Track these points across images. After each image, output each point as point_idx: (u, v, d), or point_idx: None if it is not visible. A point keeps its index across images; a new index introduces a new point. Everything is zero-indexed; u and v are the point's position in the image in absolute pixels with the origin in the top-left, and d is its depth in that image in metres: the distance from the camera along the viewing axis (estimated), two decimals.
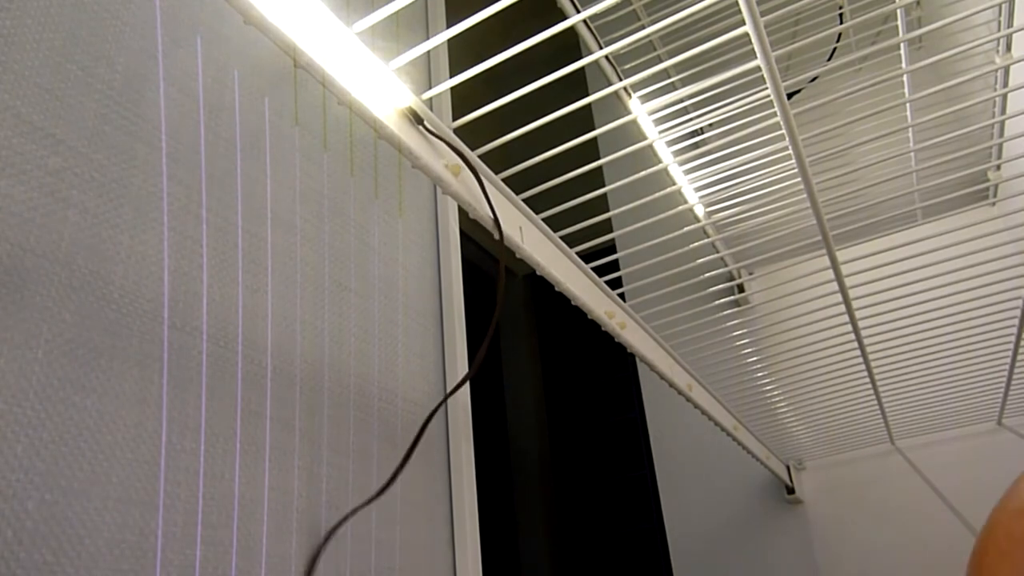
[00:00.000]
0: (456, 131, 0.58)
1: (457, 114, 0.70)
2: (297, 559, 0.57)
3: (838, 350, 1.08)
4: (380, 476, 0.70)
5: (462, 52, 0.81)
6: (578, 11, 0.91)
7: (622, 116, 0.71)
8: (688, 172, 0.95)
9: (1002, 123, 1.07)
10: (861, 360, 1.10)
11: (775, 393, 1.29)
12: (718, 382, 1.16)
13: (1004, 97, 1.03)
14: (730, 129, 0.82)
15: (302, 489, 0.60)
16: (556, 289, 0.69)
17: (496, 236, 0.55)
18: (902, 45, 0.88)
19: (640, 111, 0.87)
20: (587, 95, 0.62)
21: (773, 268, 1.34)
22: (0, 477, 0.39)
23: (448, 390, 0.84)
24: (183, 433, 0.50)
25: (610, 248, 0.88)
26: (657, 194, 0.80)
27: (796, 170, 0.72)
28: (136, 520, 0.46)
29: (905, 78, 0.92)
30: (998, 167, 1.31)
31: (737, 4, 0.54)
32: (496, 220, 0.55)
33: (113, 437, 0.46)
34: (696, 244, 0.94)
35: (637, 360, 0.89)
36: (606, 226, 0.82)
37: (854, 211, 0.87)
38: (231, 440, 0.54)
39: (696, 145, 0.95)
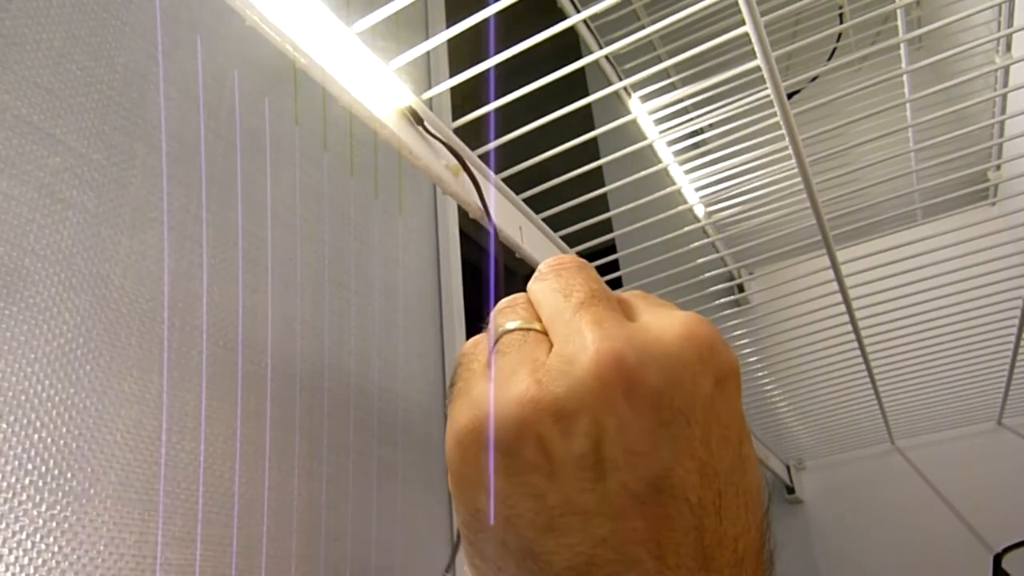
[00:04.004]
0: (456, 131, 0.58)
1: (457, 114, 0.70)
2: (297, 559, 0.57)
3: (838, 350, 1.08)
4: (380, 476, 0.70)
5: (462, 52, 0.82)
6: (578, 11, 0.91)
7: (622, 116, 0.71)
8: (688, 172, 0.95)
9: (1002, 123, 1.07)
10: (861, 360, 1.10)
11: (775, 393, 1.29)
12: None
13: (1004, 97, 1.03)
14: (730, 129, 0.82)
15: (302, 489, 0.60)
16: None
17: (486, 228, 0.55)
18: (902, 45, 0.88)
19: (640, 111, 0.87)
20: (587, 95, 0.62)
21: (773, 268, 1.34)
22: (0, 478, 0.39)
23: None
24: (183, 433, 0.50)
25: (610, 248, 0.88)
26: (657, 194, 0.80)
27: (796, 170, 0.72)
28: (136, 520, 0.46)
29: (905, 78, 0.92)
30: (998, 167, 1.31)
31: (737, 4, 0.54)
32: (490, 218, 0.55)
33: (113, 437, 0.46)
34: (696, 244, 0.94)
35: None
36: (606, 226, 0.82)
37: (854, 211, 0.87)
38: (231, 440, 0.54)
39: (696, 145, 0.95)
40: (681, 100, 0.89)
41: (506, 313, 0.27)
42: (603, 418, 0.22)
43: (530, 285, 0.28)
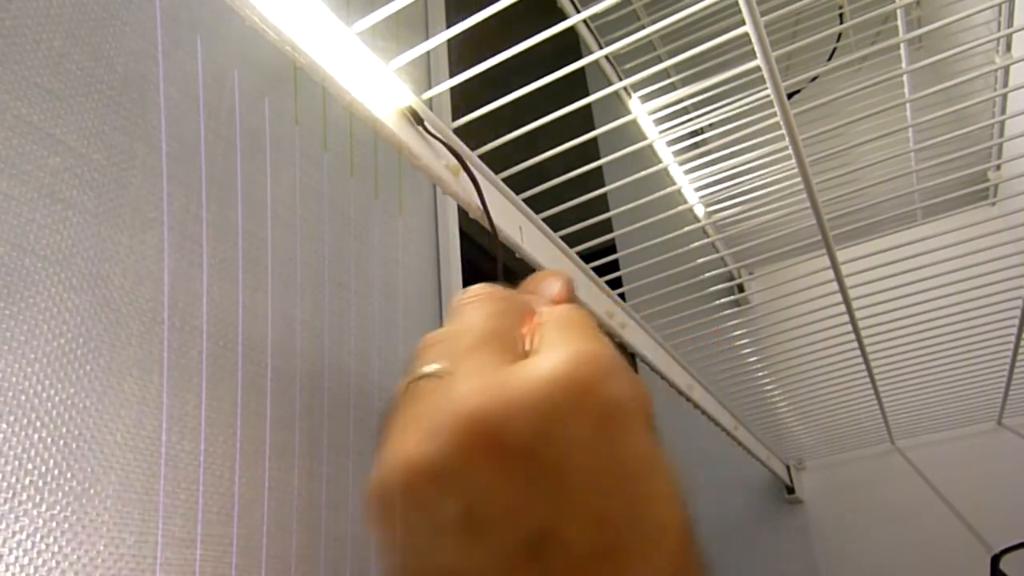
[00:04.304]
0: (456, 131, 0.58)
1: (457, 114, 0.70)
2: (297, 559, 0.57)
3: (838, 350, 1.08)
4: None
5: (462, 52, 0.82)
6: (578, 11, 0.91)
7: (622, 116, 0.71)
8: (688, 172, 0.95)
9: (1002, 123, 1.07)
10: (861, 360, 1.10)
11: (775, 393, 1.29)
12: (718, 382, 1.16)
13: (1004, 97, 1.03)
14: (730, 129, 0.82)
15: (302, 489, 0.60)
16: None
17: (490, 231, 0.55)
18: (902, 45, 0.88)
19: (640, 111, 0.87)
20: (587, 95, 0.62)
21: (773, 268, 1.34)
22: (0, 478, 0.39)
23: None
24: (183, 433, 0.50)
25: (610, 248, 0.88)
26: (657, 194, 0.80)
27: (796, 170, 0.72)
28: (136, 520, 0.46)
29: (905, 78, 0.92)
30: (998, 167, 1.31)
31: (737, 4, 0.53)
32: (490, 220, 0.55)
33: (113, 437, 0.46)
34: (696, 244, 0.94)
35: (637, 360, 0.89)
36: (606, 226, 0.82)
37: (854, 211, 0.87)
38: (231, 440, 0.54)
39: (696, 145, 0.95)
40: (681, 100, 0.89)
41: (427, 352, 0.26)
42: (472, 479, 0.21)
43: (447, 321, 0.27)
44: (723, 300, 1.06)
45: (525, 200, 0.67)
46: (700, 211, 1.06)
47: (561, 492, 0.21)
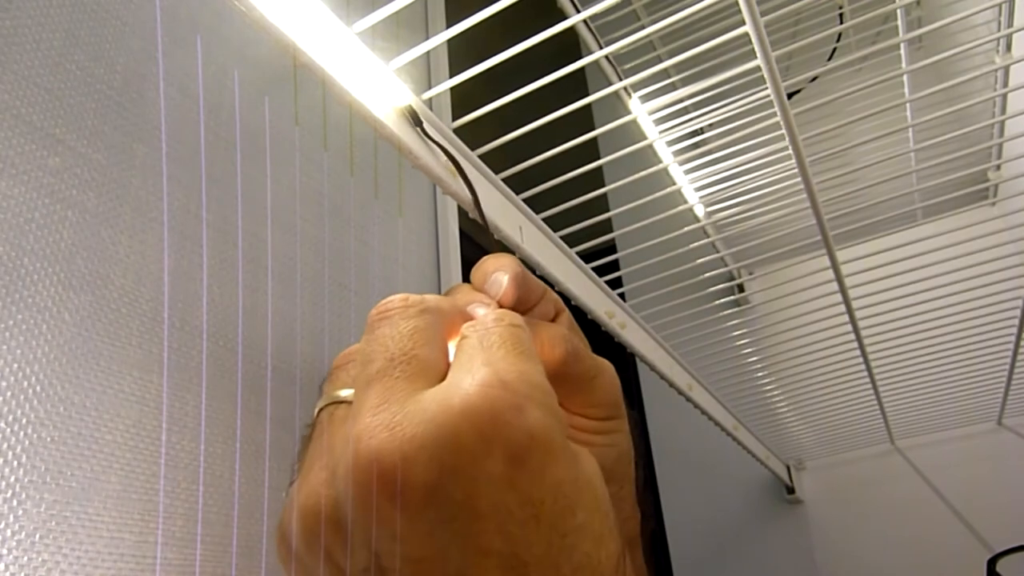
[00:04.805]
0: (456, 131, 0.58)
1: (457, 114, 0.70)
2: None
3: (838, 350, 1.08)
4: None
5: (462, 52, 0.82)
6: (578, 11, 0.91)
7: (622, 116, 0.71)
8: (688, 172, 0.95)
9: (1002, 123, 1.07)
10: (861, 360, 1.10)
11: (775, 393, 1.29)
12: (718, 382, 1.16)
13: (1004, 97, 1.03)
14: (730, 129, 0.82)
15: None
16: (556, 289, 0.69)
17: (484, 228, 0.55)
18: (902, 45, 0.88)
19: (640, 111, 0.87)
20: (587, 95, 0.62)
21: (773, 268, 1.34)
22: (0, 477, 0.39)
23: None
24: (183, 433, 0.50)
25: (610, 248, 0.88)
26: (657, 194, 0.80)
27: (796, 170, 0.72)
28: (136, 520, 0.46)
29: (905, 78, 0.92)
30: (998, 167, 1.31)
31: (737, 4, 0.53)
32: (483, 216, 0.55)
33: (113, 437, 0.46)
34: (696, 244, 0.94)
35: (637, 360, 0.89)
36: (606, 226, 0.82)
37: (854, 211, 0.87)
38: (231, 440, 0.54)
39: (696, 145, 0.95)
40: (681, 100, 0.89)
41: (339, 374, 0.23)
42: (374, 527, 0.19)
43: (363, 336, 0.24)
44: (723, 300, 1.06)
45: (525, 200, 0.67)
46: (700, 211, 1.06)
47: (471, 537, 0.19)
